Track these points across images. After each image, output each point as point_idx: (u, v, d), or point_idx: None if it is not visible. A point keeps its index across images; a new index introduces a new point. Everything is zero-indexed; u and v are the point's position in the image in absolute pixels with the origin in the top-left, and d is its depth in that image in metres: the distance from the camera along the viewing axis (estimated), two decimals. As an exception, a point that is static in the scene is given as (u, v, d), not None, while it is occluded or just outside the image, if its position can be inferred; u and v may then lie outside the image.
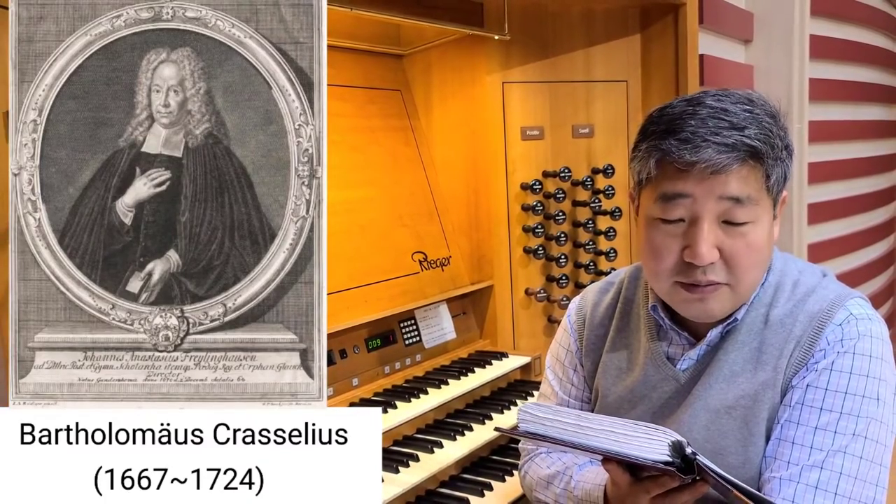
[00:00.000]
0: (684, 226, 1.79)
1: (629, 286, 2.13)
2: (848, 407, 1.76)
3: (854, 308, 1.83)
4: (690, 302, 1.84)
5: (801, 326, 1.83)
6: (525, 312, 3.72)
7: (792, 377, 1.81)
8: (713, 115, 1.73)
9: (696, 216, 1.76)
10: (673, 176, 1.77)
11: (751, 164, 1.73)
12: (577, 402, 2.17)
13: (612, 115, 3.80)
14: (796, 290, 1.88)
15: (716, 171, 1.71)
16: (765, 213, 1.79)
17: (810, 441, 1.76)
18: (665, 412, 1.95)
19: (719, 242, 1.76)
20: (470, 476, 2.87)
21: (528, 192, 3.63)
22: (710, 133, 1.71)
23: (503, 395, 3.38)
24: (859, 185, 6.13)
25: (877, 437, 1.76)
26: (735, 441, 1.84)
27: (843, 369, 1.78)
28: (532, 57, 3.68)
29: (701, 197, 1.74)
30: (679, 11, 3.68)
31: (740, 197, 1.74)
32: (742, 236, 1.77)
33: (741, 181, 1.73)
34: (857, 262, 6.08)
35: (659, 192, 1.80)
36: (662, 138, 1.76)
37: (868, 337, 1.80)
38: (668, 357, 1.97)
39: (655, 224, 1.83)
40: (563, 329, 2.25)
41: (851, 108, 5.95)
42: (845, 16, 5.74)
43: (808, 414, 1.78)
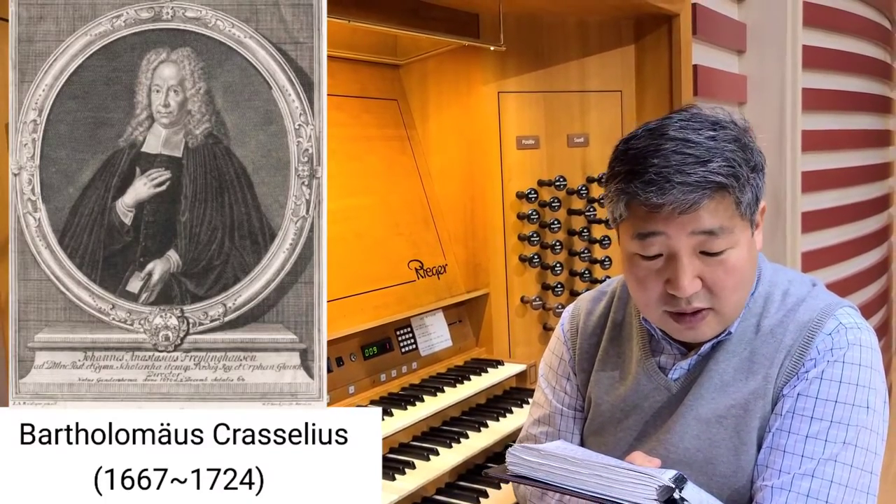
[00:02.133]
0: (663, 260, 1.79)
1: (621, 295, 2.13)
2: (838, 415, 1.77)
3: (844, 317, 1.84)
4: (681, 331, 1.87)
5: (791, 336, 1.84)
6: (520, 320, 3.72)
7: (783, 386, 1.82)
8: (676, 150, 1.72)
9: (672, 252, 1.77)
10: (644, 216, 1.77)
11: (718, 196, 1.73)
12: (571, 410, 2.16)
13: (607, 124, 3.81)
14: (786, 300, 1.89)
15: (684, 210, 1.72)
16: (741, 234, 1.79)
17: (801, 450, 1.77)
18: (657, 421, 1.95)
19: (699, 272, 1.77)
20: (466, 483, 2.87)
21: (523, 200, 3.64)
22: (673, 172, 1.71)
23: (499, 403, 3.37)
24: (852, 193, 6.14)
25: (867, 446, 1.77)
26: (726, 450, 1.85)
27: (833, 378, 1.78)
28: (527, 67, 3.69)
29: (674, 234, 1.75)
30: (673, 22, 3.70)
31: (713, 229, 1.74)
32: (721, 263, 1.77)
33: (711, 214, 1.73)
34: (851, 270, 6.09)
35: (634, 231, 1.80)
36: (628, 181, 1.76)
37: (857, 346, 1.80)
38: (659, 366, 1.98)
39: (636, 259, 1.84)
40: (556, 337, 2.25)
41: (844, 117, 5.97)
42: (837, 26, 5.77)
43: (798, 422, 1.78)
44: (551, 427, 2.17)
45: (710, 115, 1.82)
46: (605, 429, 2.03)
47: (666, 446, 1.89)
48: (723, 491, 1.84)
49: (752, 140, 1.82)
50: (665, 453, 1.88)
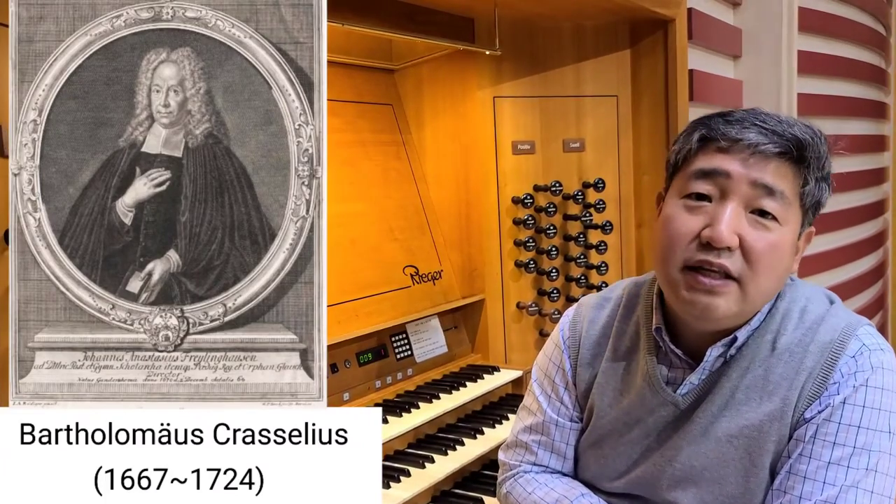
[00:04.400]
0: (710, 207, 1.75)
1: (628, 303, 2.07)
2: (861, 441, 1.73)
3: (866, 338, 1.79)
4: (695, 294, 1.76)
5: (812, 357, 1.79)
6: (516, 326, 3.73)
7: (804, 411, 1.77)
8: (765, 113, 1.76)
9: (725, 195, 1.74)
10: (713, 153, 1.76)
11: (791, 161, 1.73)
12: (567, 421, 2.09)
13: (603, 129, 3.82)
14: (804, 318, 1.84)
15: (756, 152, 1.71)
16: (793, 218, 1.77)
17: (823, 476, 1.72)
18: (662, 437, 1.90)
19: (742, 231, 1.72)
20: (461, 491, 2.86)
21: (519, 206, 3.65)
22: (758, 120, 1.73)
23: (495, 410, 3.37)
24: (848, 198, 6.14)
25: (887, 471, 1.74)
26: (735, 471, 1.80)
27: (857, 403, 1.74)
28: (523, 72, 3.70)
29: (736, 177, 1.73)
30: (668, 27, 3.71)
31: (774, 188, 1.72)
32: (766, 231, 1.73)
33: (778, 174, 1.72)
34: (847, 275, 6.09)
35: (695, 168, 1.78)
36: (711, 118, 1.78)
37: (881, 369, 1.77)
38: (667, 381, 1.91)
39: (679, 205, 1.80)
40: (554, 344, 2.16)
41: (839, 122, 5.97)
42: (833, 32, 5.78)
43: (820, 448, 1.74)
44: (545, 436, 2.10)
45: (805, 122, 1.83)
46: (606, 441, 1.98)
47: (672, 462, 1.85)
48: None
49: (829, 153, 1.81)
50: (671, 470, 1.85)
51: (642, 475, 1.91)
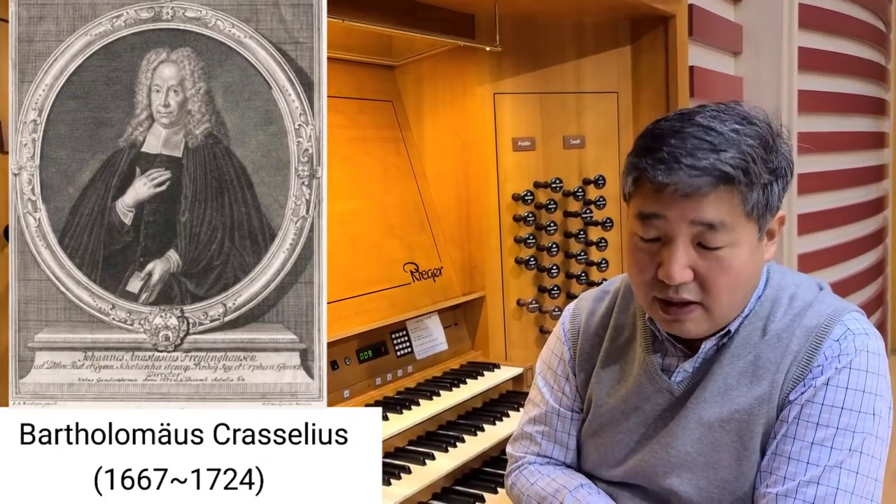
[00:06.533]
0: (660, 244, 1.77)
1: (625, 295, 2.10)
2: (844, 422, 1.75)
3: (851, 323, 1.81)
4: (668, 322, 1.83)
5: (798, 341, 1.81)
6: (517, 323, 3.72)
7: (789, 393, 1.80)
8: (695, 135, 1.71)
9: (669, 237, 1.75)
10: (648, 196, 1.76)
11: (724, 189, 1.70)
12: (568, 411, 2.13)
13: (603, 126, 3.81)
14: (793, 304, 1.86)
15: (686, 194, 1.69)
16: (744, 235, 1.76)
17: (807, 456, 1.75)
18: (658, 424, 1.93)
19: (693, 263, 1.75)
20: (462, 488, 2.85)
21: (519, 202, 3.64)
22: (685, 154, 1.69)
23: (495, 407, 3.36)
24: (848, 195, 6.15)
25: (872, 453, 1.75)
26: (728, 455, 1.83)
27: (839, 384, 1.76)
28: (523, 68, 3.69)
29: (674, 219, 1.73)
30: (669, 23, 3.69)
31: (713, 223, 1.71)
32: (716, 259, 1.74)
33: (715, 206, 1.71)
34: (848, 271, 6.09)
35: (637, 210, 1.79)
36: (641, 156, 1.75)
37: (865, 352, 1.78)
38: (662, 369, 1.95)
39: (635, 240, 1.82)
40: (556, 337, 2.21)
41: (840, 119, 5.97)
42: (833, 28, 5.78)
43: (804, 429, 1.76)
44: (547, 427, 2.14)
45: (745, 110, 1.79)
46: (605, 430, 2.01)
47: (667, 449, 1.88)
48: (724, 496, 1.83)
49: (781, 144, 1.79)
50: (666, 456, 1.87)
51: (640, 463, 1.94)
